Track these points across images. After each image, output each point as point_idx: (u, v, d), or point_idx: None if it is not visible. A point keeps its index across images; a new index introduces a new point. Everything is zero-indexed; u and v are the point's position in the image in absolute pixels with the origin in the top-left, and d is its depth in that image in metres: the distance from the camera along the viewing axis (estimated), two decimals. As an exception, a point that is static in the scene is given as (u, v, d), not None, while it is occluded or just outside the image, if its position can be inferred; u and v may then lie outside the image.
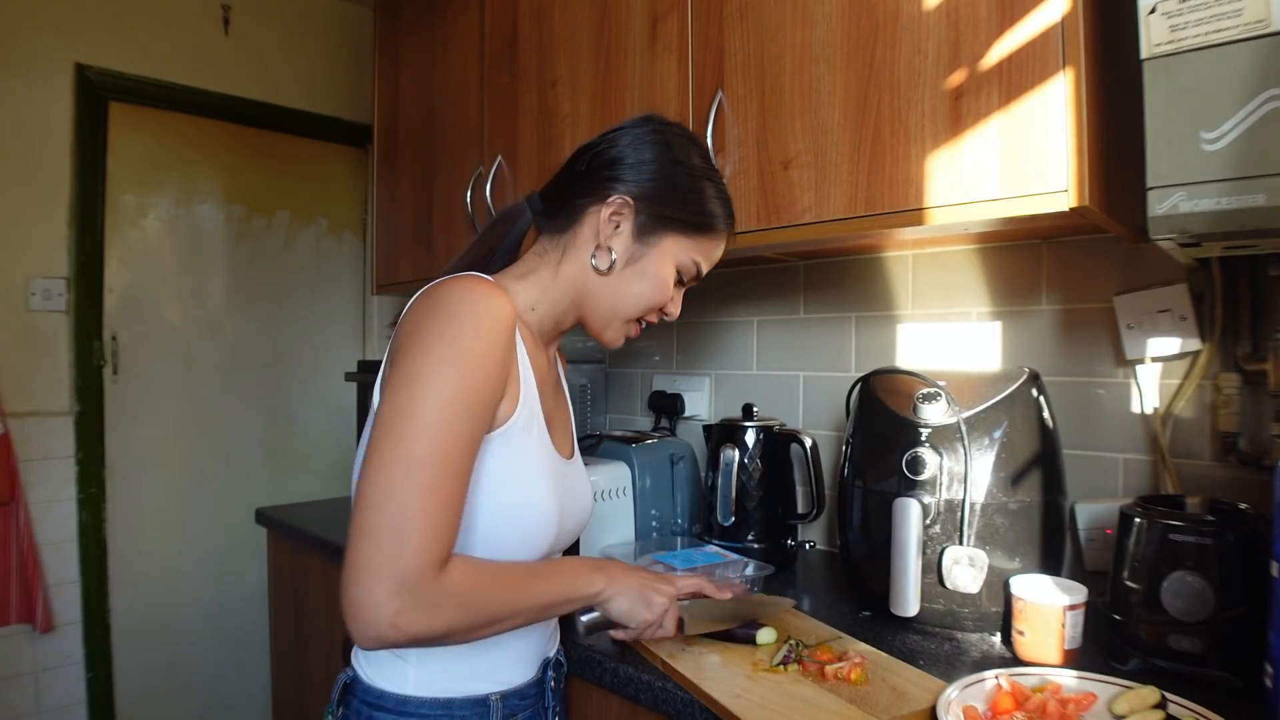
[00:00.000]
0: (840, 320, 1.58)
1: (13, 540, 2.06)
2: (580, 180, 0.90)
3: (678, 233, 0.89)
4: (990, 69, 0.97)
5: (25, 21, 2.14)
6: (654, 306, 0.90)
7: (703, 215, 0.90)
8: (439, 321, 0.74)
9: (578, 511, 0.93)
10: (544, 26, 1.60)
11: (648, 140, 0.89)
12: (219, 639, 2.54)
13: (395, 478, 0.69)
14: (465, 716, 0.83)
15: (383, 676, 0.83)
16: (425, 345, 0.73)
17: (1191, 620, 0.88)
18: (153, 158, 2.42)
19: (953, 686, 0.84)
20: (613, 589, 0.85)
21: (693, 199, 0.89)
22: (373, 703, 0.83)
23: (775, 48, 1.20)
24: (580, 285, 0.89)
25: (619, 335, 0.92)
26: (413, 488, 0.68)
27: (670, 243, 0.89)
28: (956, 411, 1.07)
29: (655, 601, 0.87)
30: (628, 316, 0.90)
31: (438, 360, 0.72)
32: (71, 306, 2.23)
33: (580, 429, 1.91)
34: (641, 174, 0.87)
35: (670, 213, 0.88)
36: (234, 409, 2.59)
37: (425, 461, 0.69)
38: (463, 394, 0.72)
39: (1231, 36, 0.75)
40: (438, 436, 0.70)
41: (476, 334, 0.74)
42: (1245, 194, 0.75)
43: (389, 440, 0.70)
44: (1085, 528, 1.23)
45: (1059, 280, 1.30)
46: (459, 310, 0.74)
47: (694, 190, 0.89)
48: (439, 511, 0.70)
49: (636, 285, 0.88)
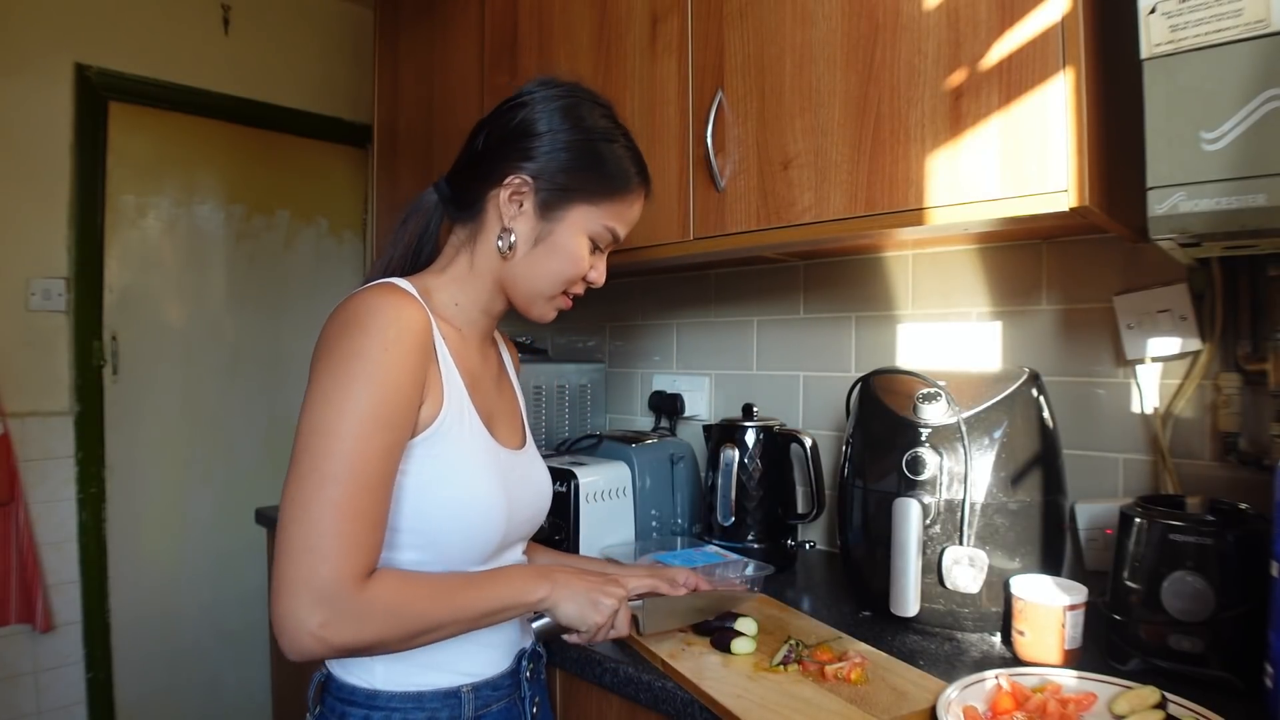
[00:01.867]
0: (840, 320, 1.58)
1: (12, 540, 2.06)
2: (479, 162, 0.89)
3: (584, 203, 0.87)
4: (990, 69, 0.97)
5: (25, 21, 2.14)
6: (572, 280, 0.90)
7: (609, 180, 0.88)
8: (348, 337, 0.75)
9: (532, 501, 0.93)
10: (544, 26, 1.60)
11: (544, 110, 0.88)
12: (219, 639, 2.54)
13: (310, 494, 0.70)
14: (436, 709, 0.83)
15: (351, 673, 0.84)
16: (335, 362, 0.74)
17: (1191, 620, 0.88)
18: (153, 158, 2.42)
19: (953, 686, 0.84)
20: (557, 594, 0.84)
21: (596, 164, 0.88)
22: (345, 699, 0.83)
23: (775, 48, 1.20)
24: (496, 270, 0.89)
25: (546, 311, 0.92)
26: (327, 503, 0.70)
27: (578, 214, 0.87)
28: (956, 411, 1.07)
29: (603, 604, 0.86)
30: (548, 294, 0.90)
31: (348, 376, 0.73)
32: (71, 306, 2.24)
33: (580, 429, 1.91)
34: (540, 146, 0.86)
35: (574, 183, 0.86)
36: (234, 409, 2.59)
37: (339, 477, 0.70)
38: (375, 407, 0.73)
39: (1231, 36, 0.75)
40: (351, 451, 0.71)
41: (385, 345, 0.74)
42: (1245, 194, 0.75)
43: (305, 458, 0.71)
44: (1085, 528, 1.23)
45: (1059, 280, 1.29)
46: (367, 323, 0.75)
47: (596, 155, 0.88)
48: (355, 524, 0.71)
49: (549, 263, 0.88)
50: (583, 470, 1.43)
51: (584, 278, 0.91)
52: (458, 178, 0.92)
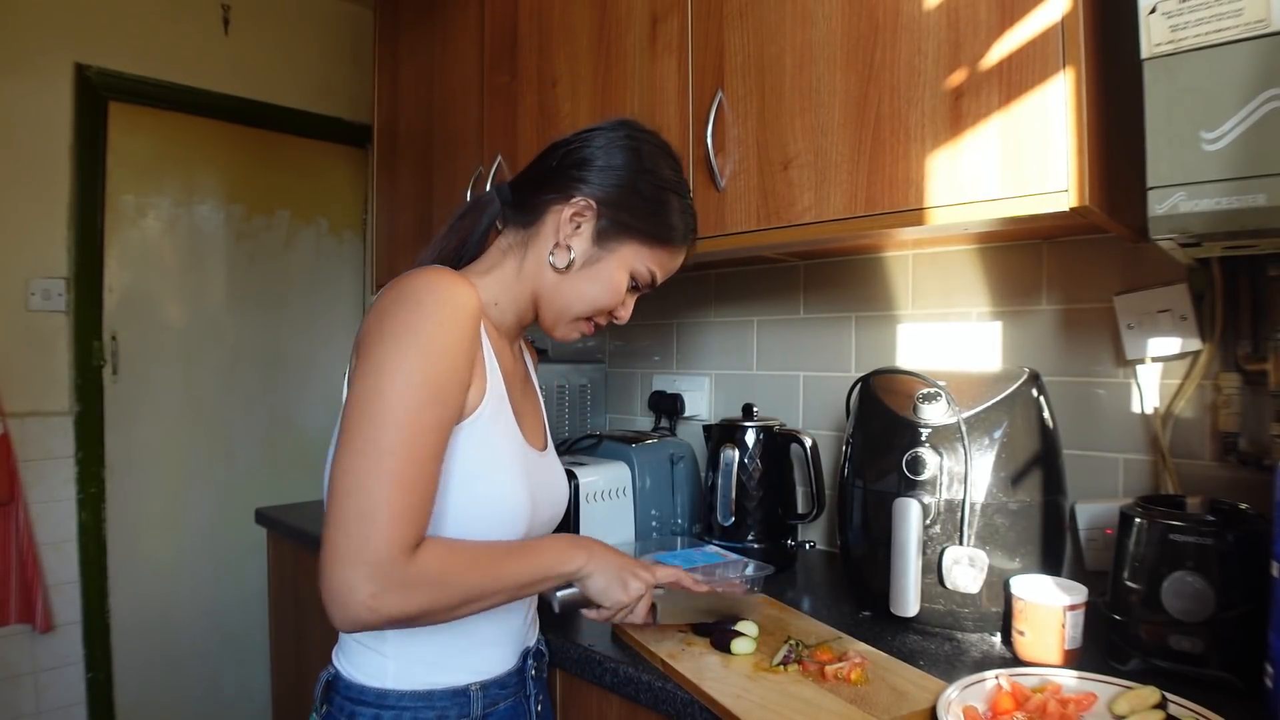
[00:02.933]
0: (840, 320, 1.58)
1: (12, 540, 2.06)
2: (549, 176, 0.91)
3: (637, 241, 0.90)
4: (990, 69, 0.97)
5: (25, 21, 2.14)
6: (604, 309, 0.92)
7: (664, 227, 0.91)
8: (405, 310, 0.75)
9: (552, 503, 0.95)
10: (544, 26, 1.60)
11: (620, 145, 0.90)
12: (219, 639, 2.54)
13: (364, 465, 0.70)
14: (446, 707, 0.84)
15: (362, 672, 0.84)
16: (391, 335, 0.74)
17: (1191, 620, 0.88)
18: (153, 158, 2.42)
19: (953, 686, 0.84)
20: (592, 565, 0.86)
21: (656, 210, 0.90)
22: (354, 698, 0.83)
23: (775, 48, 1.20)
24: (538, 281, 0.90)
25: (569, 332, 0.93)
26: (381, 474, 0.70)
27: (628, 250, 0.90)
28: (956, 411, 1.07)
29: (631, 585, 0.88)
30: (577, 315, 0.91)
31: (403, 349, 0.73)
32: (71, 306, 2.23)
33: (580, 429, 1.91)
34: (609, 178, 0.88)
35: (632, 220, 0.89)
36: (234, 409, 2.59)
37: (392, 448, 0.71)
38: (429, 381, 0.73)
39: (1231, 36, 0.75)
40: (405, 423, 0.71)
41: (441, 322, 0.75)
42: (1245, 194, 0.75)
43: (357, 430, 0.72)
44: (1085, 528, 1.23)
45: (1059, 280, 1.29)
46: (425, 299, 0.76)
47: (658, 201, 0.90)
48: (407, 496, 0.71)
49: (590, 287, 0.89)
50: (583, 470, 1.43)
51: (613, 312, 0.93)
52: (522, 186, 0.94)
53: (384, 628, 0.74)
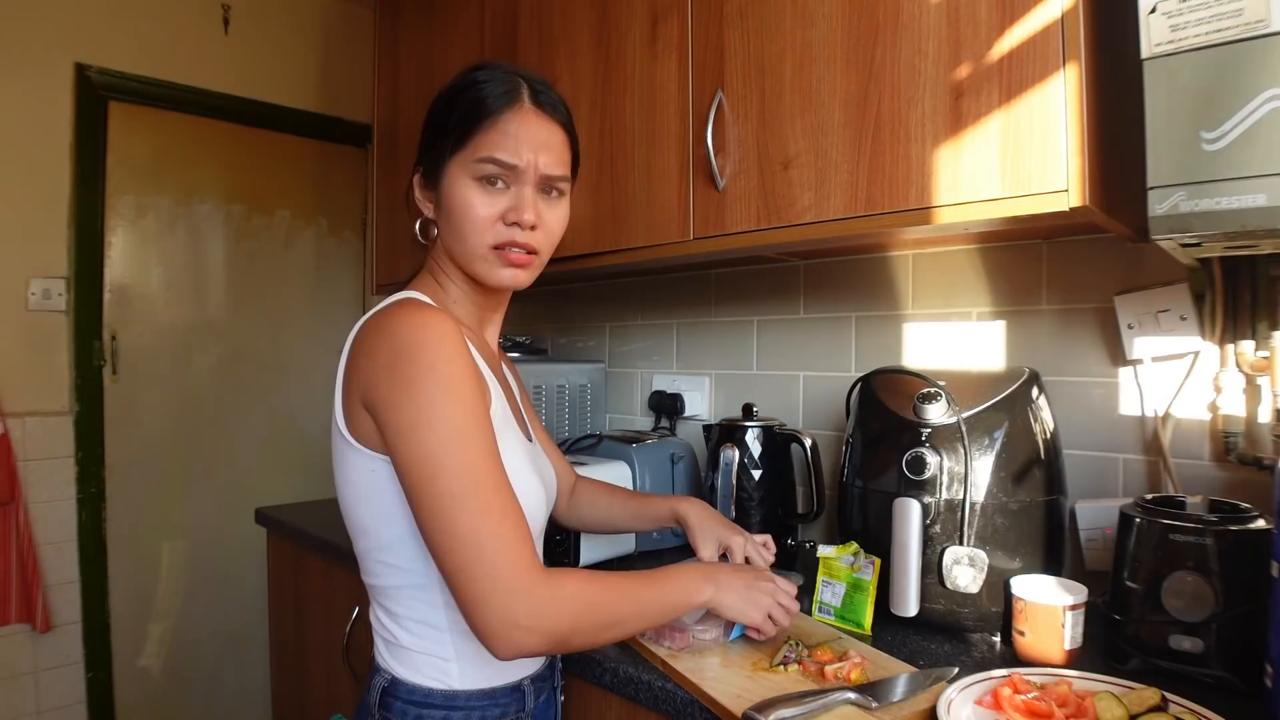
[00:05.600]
0: (840, 320, 1.58)
1: (12, 540, 2.06)
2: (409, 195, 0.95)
3: (451, 156, 0.86)
4: (990, 68, 0.97)
5: (25, 21, 2.14)
6: (481, 229, 0.85)
7: (461, 122, 0.85)
8: (411, 361, 0.76)
9: (552, 488, 0.99)
10: (544, 26, 1.60)
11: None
12: (218, 639, 2.54)
13: (454, 519, 0.72)
14: (507, 704, 0.87)
15: (424, 675, 0.85)
16: (409, 390, 0.75)
17: (1191, 620, 0.88)
18: (153, 158, 2.42)
19: (953, 687, 0.84)
20: (721, 595, 0.90)
21: (445, 117, 0.88)
22: (419, 701, 0.84)
23: (775, 48, 1.20)
24: (446, 254, 0.91)
25: (490, 271, 0.88)
26: (473, 517, 0.72)
27: (451, 169, 0.86)
28: (956, 411, 1.07)
29: (761, 601, 0.93)
30: (478, 254, 0.87)
31: (432, 400, 0.74)
32: (71, 306, 2.24)
33: (580, 429, 1.91)
34: (419, 148, 0.91)
35: (436, 146, 0.88)
36: (234, 409, 2.59)
37: (468, 489, 0.73)
38: (465, 416, 0.75)
39: (1231, 36, 0.75)
40: (465, 463, 0.73)
41: (449, 358, 0.76)
42: (1245, 194, 0.75)
43: (427, 488, 0.73)
44: (1085, 528, 1.22)
45: (1059, 280, 1.29)
46: (424, 341, 0.76)
47: (445, 110, 0.88)
48: (504, 522, 0.73)
49: (450, 222, 0.88)
50: (583, 470, 1.42)
51: (504, 220, 0.85)
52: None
53: (543, 651, 0.75)
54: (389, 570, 0.85)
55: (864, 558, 1.11)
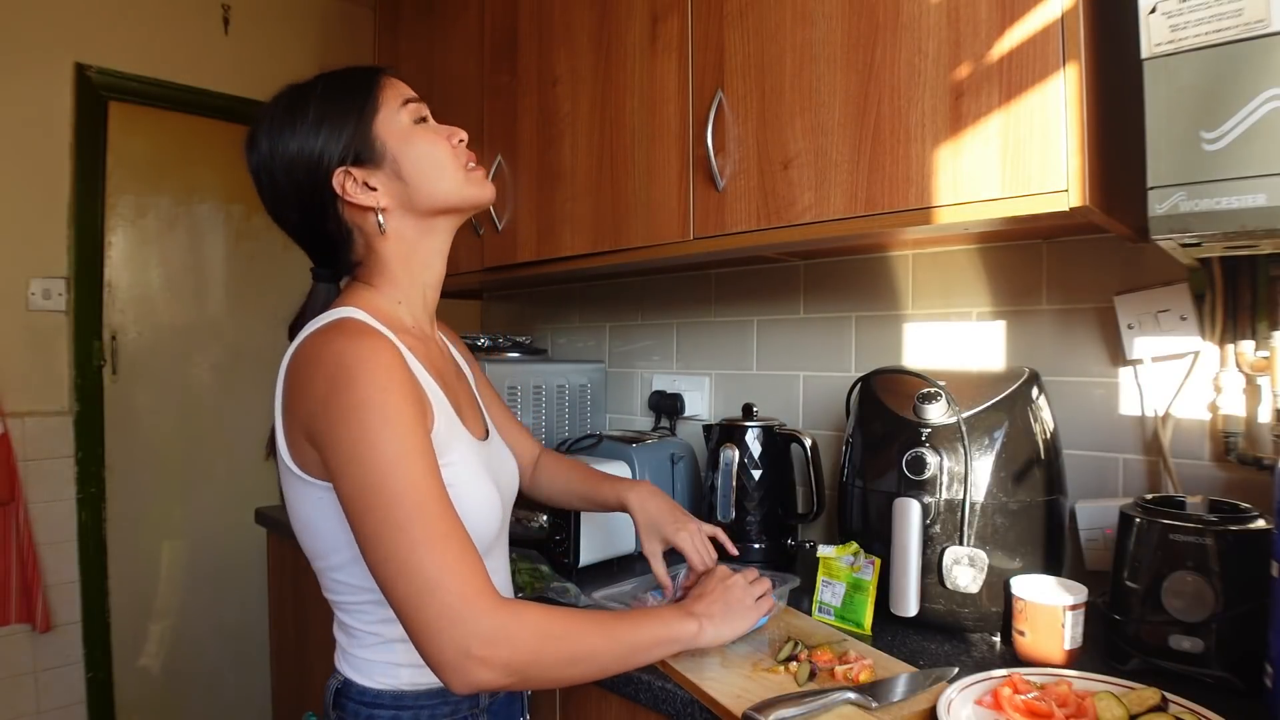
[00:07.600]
0: (840, 320, 1.58)
1: (12, 540, 2.06)
2: (303, 210, 0.89)
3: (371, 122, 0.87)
4: (990, 68, 0.97)
5: (25, 21, 2.14)
6: (452, 156, 0.89)
7: (358, 87, 0.89)
8: (344, 391, 0.74)
9: (510, 485, 0.97)
10: (544, 26, 1.60)
11: (278, 129, 0.90)
12: (219, 639, 2.54)
13: (395, 547, 0.70)
14: (459, 703, 0.86)
15: (374, 679, 0.85)
16: (344, 420, 0.73)
17: (1191, 620, 0.88)
18: (152, 157, 2.42)
19: (953, 687, 0.84)
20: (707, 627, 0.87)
21: (340, 99, 0.89)
22: (369, 703, 0.84)
23: (775, 47, 1.20)
24: (401, 240, 0.89)
25: (479, 190, 0.91)
26: (415, 543, 0.70)
27: (382, 130, 0.87)
28: (956, 411, 1.07)
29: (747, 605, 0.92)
30: (457, 178, 0.89)
31: (366, 428, 0.73)
32: (71, 306, 2.23)
33: (580, 429, 1.91)
34: (311, 153, 0.86)
35: (344, 128, 0.87)
36: (234, 409, 2.59)
37: (411, 516, 0.70)
38: (402, 441, 0.73)
39: (1231, 36, 0.75)
40: (406, 490, 0.71)
41: (382, 387, 0.74)
42: (1245, 194, 0.75)
43: (369, 518, 0.71)
44: (1085, 528, 1.22)
45: (1059, 280, 1.29)
46: (355, 370, 0.75)
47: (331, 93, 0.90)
48: (449, 548, 0.71)
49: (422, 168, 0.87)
50: (583, 470, 1.42)
51: (451, 144, 0.90)
52: (319, 252, 0.95)
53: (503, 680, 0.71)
54: (343, 588, 0.85)
55: (864, 558, 1.11)
